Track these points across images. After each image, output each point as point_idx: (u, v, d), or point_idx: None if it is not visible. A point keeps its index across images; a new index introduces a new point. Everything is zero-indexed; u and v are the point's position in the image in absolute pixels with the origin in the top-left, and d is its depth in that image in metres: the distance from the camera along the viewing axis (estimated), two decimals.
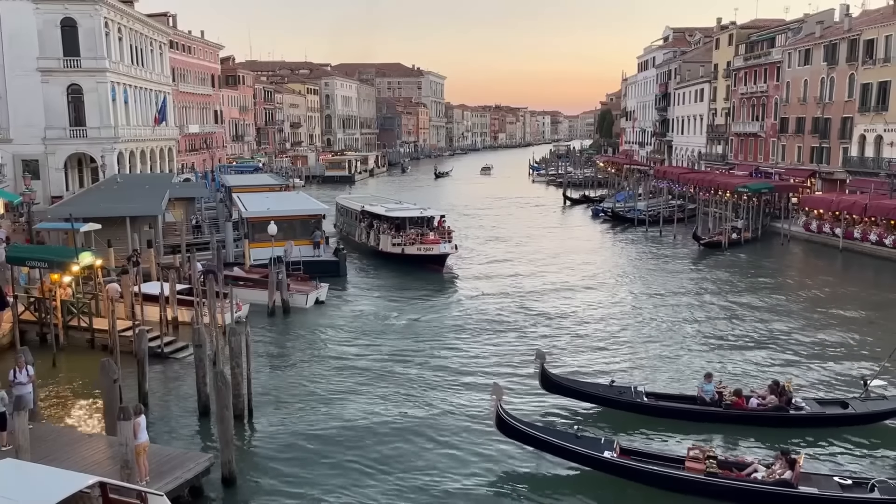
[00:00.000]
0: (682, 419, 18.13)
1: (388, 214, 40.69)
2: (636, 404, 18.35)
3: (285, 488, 15.42)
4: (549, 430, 16.48)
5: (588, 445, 15.40)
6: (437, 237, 38.24)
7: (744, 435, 17.56)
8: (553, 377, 19.16)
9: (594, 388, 19.17)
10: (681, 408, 18.40)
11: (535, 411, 19.11)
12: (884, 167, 47.96)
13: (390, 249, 38.42)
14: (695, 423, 17.90)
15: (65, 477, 11.74)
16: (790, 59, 60.17)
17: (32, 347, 20.34)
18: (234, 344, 18.51)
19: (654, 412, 18.34)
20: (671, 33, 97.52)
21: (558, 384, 19.09)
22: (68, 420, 18.77)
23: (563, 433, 16.31)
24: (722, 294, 33.16)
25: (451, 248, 38.15)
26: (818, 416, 17.89)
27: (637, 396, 18.52)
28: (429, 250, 37.68)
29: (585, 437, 15.79)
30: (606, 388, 18.91)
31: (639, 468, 14.85)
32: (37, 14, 51.88)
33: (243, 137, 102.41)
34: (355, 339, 26.16)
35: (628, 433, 17.59)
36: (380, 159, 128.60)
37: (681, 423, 17.99)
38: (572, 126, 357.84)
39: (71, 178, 55.50)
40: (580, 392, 19.08)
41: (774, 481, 14.05)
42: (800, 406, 17.94)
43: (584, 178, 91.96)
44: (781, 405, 17.86)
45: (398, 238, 38.35)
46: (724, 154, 72.47)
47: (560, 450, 15.59)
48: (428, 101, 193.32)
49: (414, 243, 37.86)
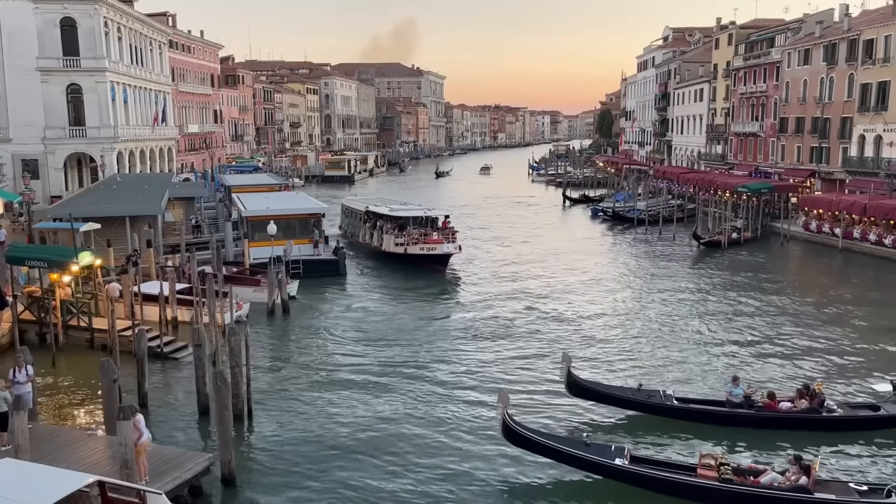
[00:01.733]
0: (712, 423, 17.81)
1: (392, 214, 40.53)
2: (666, 408, 18.07)
3: (284, 488, 15.41)
4: (558, 438, 16.05)
5: (598, 453, 15.03)
6: (441, 237, 38.01)
7: (776, 438, 17.24)
8: (580, 381, 18.67)
9: (622, 392, 18.71)
10: (711, 411, 18.07)
11: (555, 415, 18.73)
12: (883, 167, 47.97)
13: (393, 249, 38.24)
14: (726, 427, 17.59)
15: (63, 476, 11.74)
16: (790, 59, 60.18)
17: (32, 347, 20.34)
18: (233, 344, 18.50)
19: (684, 416, 18.03)
20: (671, 33, 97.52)
21: (586, 388, 18.64)
22: (68, 420, 18.77)
23: (571, 440, 15.95)
24: (724, 294, 33.13)
25: (454, 249, 37.85)
26: (851, 418, 17.65)
27: (666, 400, 18.19)
28: (431, 250, 37.42)
29: (595, 445, 15.42)
30: (635, 392, 18.52)
31: (650, 475, 14.50)
32: (36, 14, 51.87)
33: (243, 137, 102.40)
34: (354, 339, 26.14)
35: (658, 437, 17.32)
36: (379, 159, 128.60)
37: (711, 427, 17.67)
38: (572, 126, 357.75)
39: (70, 177, 55.51)
40: (608, 396, 18.62)
41: (790, 487, 13.81)
42: (831, 409, 17.67)
43: (584, 178, 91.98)
44: (814, 407, 17.59)
45: (401, 238, 38.13)
46: (724, 154, 72.48)
47: (569, 458, 15.19)
48: (427, 101, 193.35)
49: (417, 243, 37.61)
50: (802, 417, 17.55)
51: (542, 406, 19.60)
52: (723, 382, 20.49)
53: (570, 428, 18.15)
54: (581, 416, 18.90)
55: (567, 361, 18.22)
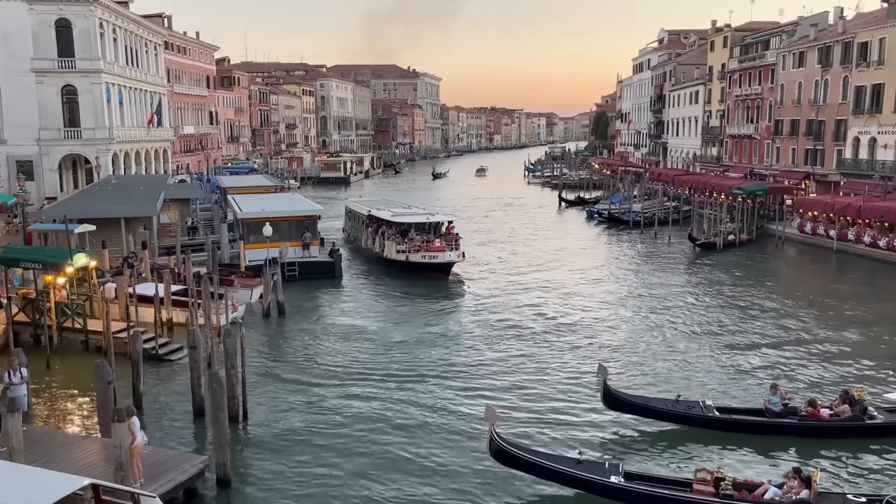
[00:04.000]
0: (754, 433, 17.47)
1: (394, 220, 39.22)
2: (707, 419, 17.66)
3: (280, 490, 15.38)
4: (549, 456, 15.40)
5: (592, 470, 14.57)
6: (444, 244, 36.69)
7: (820, 447, 16.98)
8: (617, 394, 18.10)
9: (661, 404, 18.14)
10: (754, 421, 17.70)
11: (586, 430, 18.21)
12: (878, 169, 48.13)
13: (395, 256, 37.08)
14: (768, 437, 17.30)
15: (56, 479, 11.69)
16: (785, 61, 60.35)
17: (26, 349, 20.27)
18: (228, 345, 18.47)
19: (725, 427, 17.63)
20: (666, 35, 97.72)
21: (623, 401, 18.10)
22: (62, 422, 18.70)
23: (564, 458, 15.25)
24: (724, 297, 32.99)
25: (457, 256, 36.57)
26: (895, 424, 17.43)
27: (707, 411, 17.78)
28: (433, 258, 36.22)
29: (588, 462, 14.93)
30: (674, 404, 17.98)
31: (647, 493, 14.18)
32: (31, 14, 51.76)
33: (238, 139, 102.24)
34: (350, 341, 26.09)
35: (700, 450, 17.00)
36: (375, 161, 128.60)
37: (753, 437, 17.35)
38: (567, 128, 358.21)
39: (65, 179, 55.40)
40: (646, 409, 18.07)
41: (792, 501, 13.60)
42: (873, 415, 17.44)
43: (580, 179, 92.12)
44: (857, 415, 17.35)
45: (403, 245, 36.98)
46: (719, 156, 72.64)
47: (562, 476, 14.65)
48: (423, 103, 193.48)
49: (419, 250, 36.42)
50: (848, 426, 17.27)
51: (575, 422, 18.82)
52: (737, 389, 20.32)
53: (604, 442, 17.58)
54: (610, 429, 18.28)
55: (603, 374, 17.64)
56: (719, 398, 19.72)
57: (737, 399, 20.01)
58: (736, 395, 20.42)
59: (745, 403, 19.38)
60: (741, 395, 20.55)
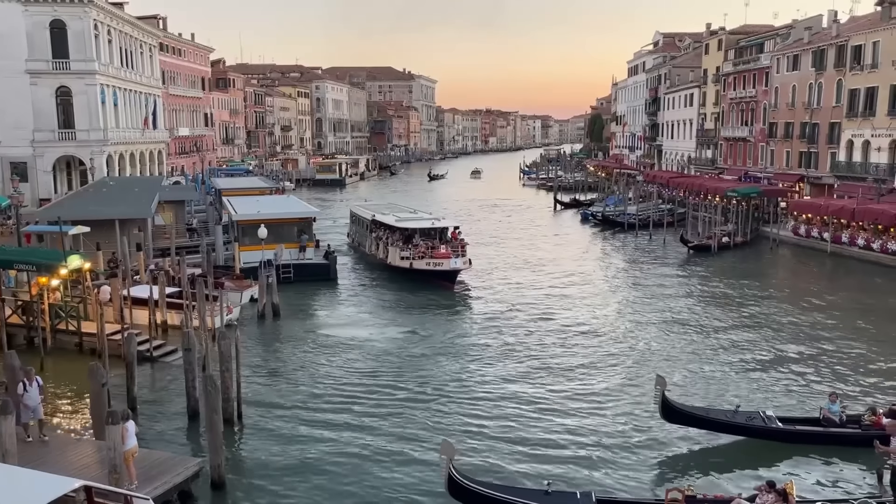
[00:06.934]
0: (816, 444, 17.08)
1: (398, 225, 37.92)
2: (770, 430, 17.23)
3: (274, 492, 15.36)
4: (512, 490, 14.32)
5: (561, 501, 13.79)
6: (449, 251, 35.26)
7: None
8: (676, 406, 17.53)
9: (721, 416, 17.58)
10: (818, 432, 17.30)
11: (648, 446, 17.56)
12: (871, 172, 48.32)
13: (398, 263, 35.67)
14: (831, 448, 16.87)
15: (49, 481, 11.65)
16: (779, 64, 60.57)
17: (20, 351, 20.09)
18: (223, 347, 18.43)
19: (788, 438, 17.21)
20: (661, 38, 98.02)
21: (683, 413, 17.53)
22: (56, 424, 18.62)
23: (529, 491, 14.23)
24: (725, 300, 32.97)
25: (463, 264, 35.11)
26: None
27: (769, 422, 17.34)
28: (438, 265, 34.83)
29: (557, 493, 14.01)
30: (734, 415, 17.45)
31: None
32: (26, 15, 51.66)
33: (234, 140, 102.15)
34: (345, 345, 26.02)
35: (767, 463, 16.49)
36: (371, 163, 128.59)
37: (815, 448, 16.95)
38: (563, 130, 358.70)
39: (59, 180, 55.26)
40: (706, 420, 17.53)
41: None
42: None
43: (575, 182, 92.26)
44: None
45: (407, 251, 35.56)
46: (714, 158, 72.86)
47: None
48: (419, 105, 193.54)
49: (423, 257, 35.01)
50: None
51: (627, 444, 17.72)
52: (752, 397, 20.19)
53: (660, 460, 16.98)
54: (672, 446, 17.62)
55: (662, 385, 17.01)
56: (776, 408, 18.92)
57: (752, 404, 19.46)
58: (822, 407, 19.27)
59: (801, 413, 18.79)
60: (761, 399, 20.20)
